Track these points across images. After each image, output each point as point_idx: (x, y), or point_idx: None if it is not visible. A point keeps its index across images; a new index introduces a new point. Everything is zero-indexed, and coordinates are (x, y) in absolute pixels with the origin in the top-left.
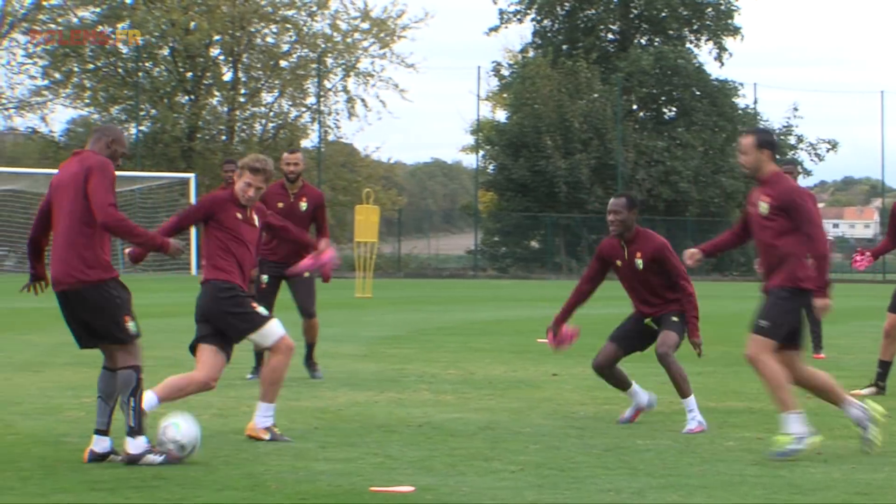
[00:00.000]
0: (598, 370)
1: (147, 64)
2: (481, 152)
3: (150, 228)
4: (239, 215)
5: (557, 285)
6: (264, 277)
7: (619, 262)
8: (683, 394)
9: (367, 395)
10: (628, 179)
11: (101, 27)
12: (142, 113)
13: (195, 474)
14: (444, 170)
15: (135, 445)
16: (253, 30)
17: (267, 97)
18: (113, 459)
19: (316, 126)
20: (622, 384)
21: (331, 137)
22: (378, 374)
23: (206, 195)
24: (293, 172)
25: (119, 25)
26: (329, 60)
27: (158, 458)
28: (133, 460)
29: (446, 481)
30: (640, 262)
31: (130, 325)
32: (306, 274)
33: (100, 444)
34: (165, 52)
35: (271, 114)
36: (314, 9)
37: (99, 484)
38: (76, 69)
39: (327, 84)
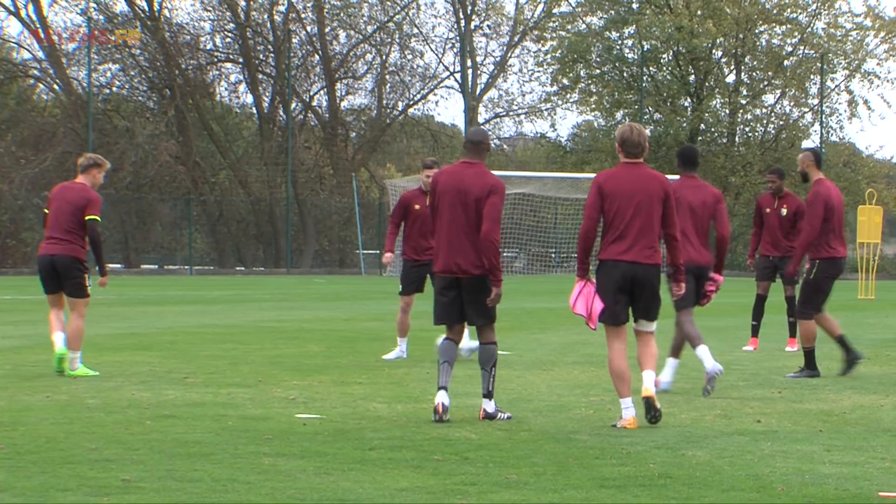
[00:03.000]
0: None
1: (651, 68)
2: None
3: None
4: None
5: None
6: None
7: None
8: None
9: (873, 399)
10: None
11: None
12: (645, 116)
13: (701, 474)
14: None
15: (490, 405)
16: (757, 31)
17: (768, 98)
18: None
19: (817, 127)
20: None
21: (832, 138)
22: (883, 377)
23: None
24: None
25: (625, 31)
26: (832, 60)
27: (505, 416)
28: (489, 416)
29: None
30: None
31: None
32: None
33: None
34: (668, 55)
35: (772, 115)
36: (816, 7)
37: (608, 481)
38: (582, 74)
39: (829, 84)
